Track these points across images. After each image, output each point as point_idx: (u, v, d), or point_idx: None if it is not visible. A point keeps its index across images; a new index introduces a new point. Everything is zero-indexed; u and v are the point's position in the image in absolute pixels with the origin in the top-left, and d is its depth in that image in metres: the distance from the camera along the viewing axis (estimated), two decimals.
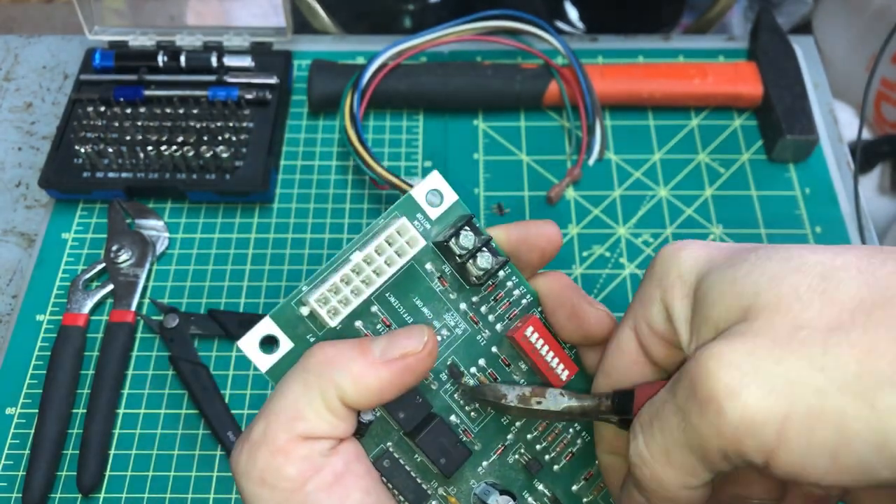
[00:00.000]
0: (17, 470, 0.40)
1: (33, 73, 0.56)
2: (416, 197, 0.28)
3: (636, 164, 0.50)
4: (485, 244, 0.27)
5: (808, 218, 0.47)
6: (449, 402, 0.28)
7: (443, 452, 0.27)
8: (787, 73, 0.50)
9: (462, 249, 0.27)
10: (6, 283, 0.47)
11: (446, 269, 0.28)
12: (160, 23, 0.53)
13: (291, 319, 0.26)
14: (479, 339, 0.28)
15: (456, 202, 0.28)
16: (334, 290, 0.26)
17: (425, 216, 0.28)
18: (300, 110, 0.52)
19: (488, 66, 0.51)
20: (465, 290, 0.28)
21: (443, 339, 0.28)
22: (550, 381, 0.28)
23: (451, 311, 0.28)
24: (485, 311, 0.28)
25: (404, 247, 0.26)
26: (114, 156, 0.47)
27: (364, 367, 0.24)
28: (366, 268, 0.26)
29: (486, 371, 0.28)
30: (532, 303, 0.29)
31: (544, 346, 0.28)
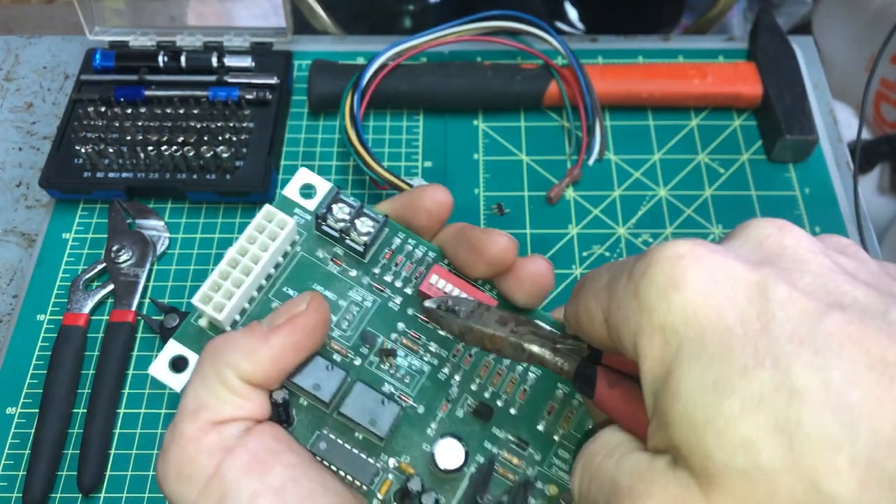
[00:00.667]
0: (17, 469, 0.40)
1: (34, 73, 0.56)
2: (289, 194, 0.29)
3: (636, 165, 0.50)
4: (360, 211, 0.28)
5: (807, 218, 0.48)
6: (376, 373, 0.27)
7: (372, 413, 0.26)
8: (786, 73, 0.51)
9: (339, 222, 0.28)
10: (7, 282, 0.47)
11: (338, 250, 0.28)
12: (160, 23, 0.53)
13: (194, 335, 0.27)
14: (391, 307, 0.28)
15: (331, 189, 0.29)
16: (215, 287, 0.26)
17: (303, 209, 0.29)
18: (300, 110, 0.52)
19: (488, 66, 0.51)
20: (364, 265, 0.28)
21: (353, 315, 0.28)
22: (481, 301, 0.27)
23: (354, 288, 0.28)
24: (389, 279, 0.28)
25: (274, 230, 0.27)
26: (114, 156, 0.47)
27: (253, 340, 0.24)
28: (241, 259, 0.26)
29: (408, 333, 0.28)
30: (436, 258, 0.29)
31: (454, 290, 0.27)
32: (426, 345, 0.28)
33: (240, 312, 0.27)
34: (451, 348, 0.28)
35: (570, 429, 0.27)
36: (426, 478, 0.26)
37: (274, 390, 0.25)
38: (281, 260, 0.28)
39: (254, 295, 0.27)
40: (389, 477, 0.26)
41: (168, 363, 0.26)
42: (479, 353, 0.28)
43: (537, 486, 0.26)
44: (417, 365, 0.27)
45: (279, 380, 0.25)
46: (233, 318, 0.27)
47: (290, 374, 0.25)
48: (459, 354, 0.28)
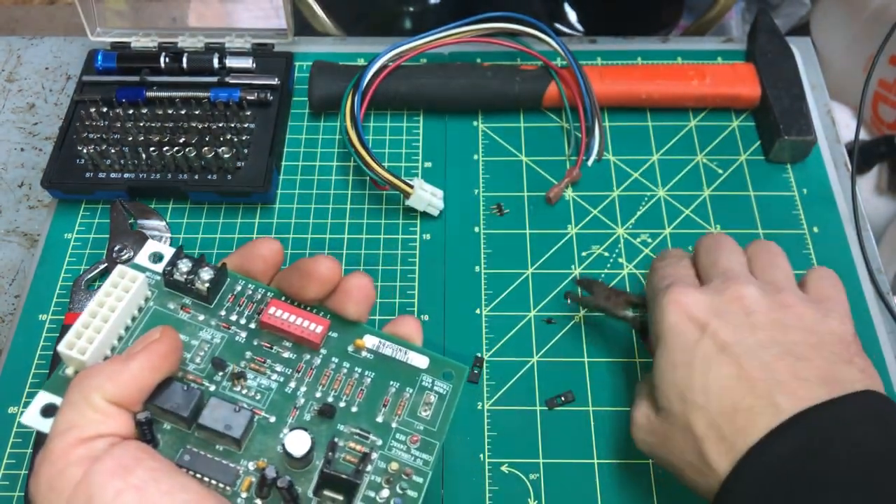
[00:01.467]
0: (19, 469, 0.40)
1: (36, 74, 0.57)
2: (140, 262, 0.33)
3: (635, 165, 0.50)
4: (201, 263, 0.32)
5: (805, 218, 0.48)
6: (230, 394, 0.31)
7: (226, 420, 0.29)
8: (784, 74, 0.51)
9: (183, 274, 0.32)
10: (9, 282, 0.47)
11: (186, 300, 0.33)
12: (162, 24, 0.53)
13: (63, 384, 0.29)
14: (237, 340, 0.32)
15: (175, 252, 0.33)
16: (78, 335, 0.30)
17: (153, 272, 0.33)
18: (301, 111, 0.53)
19: (488, 67, 0.51)
20: (211, 310, 0.33)
21: (205, 352, 0.32)
22: (311, 340, 0.31)
23: (203, 329, 0.32)
24: (234, 318, 0.33)
25: (127, 284, 0.31)
26: (116, 156, 0.47)
27: (115, 365, 0.28)
28: (99, 310, 0.30)
29: (255, 359, 0.32)
30: (275, 295, 0.33)
31: (290, 316, 0.32)
32: (272, 366, 0.32)
33: (102, 358, 0.30)
34: (294, 366, 0.32)
35: (405, 415, 0.31)
36: (282, 471, 0.29)
37: (138, 412, 0.28)
38: (136, 314, 0.32)
39: (114, 344, 0.31)
40: (250, 476, 0.29)
41: (39, 411, 0.29)
42: (319, 367, 0.32)
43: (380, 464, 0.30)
44: (266, 383, 0.31)
45: (140, 400, 0.28)
46: (96, 361, 0.30)
47: (150, 396, 0.29)
48: (302, 370, 0.32)
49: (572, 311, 0.44)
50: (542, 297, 0.45)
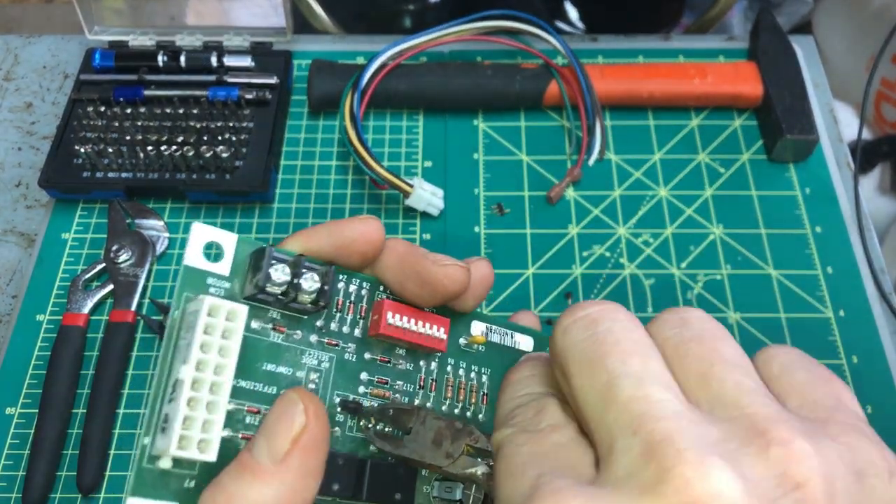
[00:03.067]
0: (16, 470, 0.40)
1: (33, 73, 0.56)
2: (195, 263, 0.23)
3: (636, 164, 0.50)
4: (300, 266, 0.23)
5: (808, 218, 0.47)
6: (359, 437, 0.25)
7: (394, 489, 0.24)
8: (787, 72, 0.50)
9: (282, 286, 0.23)
10: (6, 282, 0.47)
11: (274, 314, 0.24)
12: (160, 23, 0.53)
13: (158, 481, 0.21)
14: (347, 359, 0.25)
15: (238, 241, 0.24)
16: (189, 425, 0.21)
17: (217, 276, 0.23)
18: (300, 110, 0.52)
19: (488, 65, 0.51)
20: (304, 321, 0.25)
21: (316, 384, 0.24)
22: (435, 349, 0.26)
23: (306, 352, 0.24)
24: (335, 327, 0.25)
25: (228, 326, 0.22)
26: (114, 156, 0.47)
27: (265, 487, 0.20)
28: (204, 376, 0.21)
29: (374, 381, 0.26)
30: (372, 288, 0.26)
31: (410, 321, 0.25)
32: (393, 385, 0.26)
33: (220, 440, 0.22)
34: (415, 379, 0.26)
35: None
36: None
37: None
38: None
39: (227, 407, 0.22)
40: None
41: None
42: (438, 374, 0.27)
43: None
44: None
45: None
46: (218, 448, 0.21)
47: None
48: (424, 383, 0.27)
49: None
50: (543, 298, 0.45)
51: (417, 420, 0.24)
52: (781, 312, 0.44)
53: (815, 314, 0.44)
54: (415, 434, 0.24)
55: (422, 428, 0.24)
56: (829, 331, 0.43)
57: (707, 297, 0.45)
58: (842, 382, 0.20)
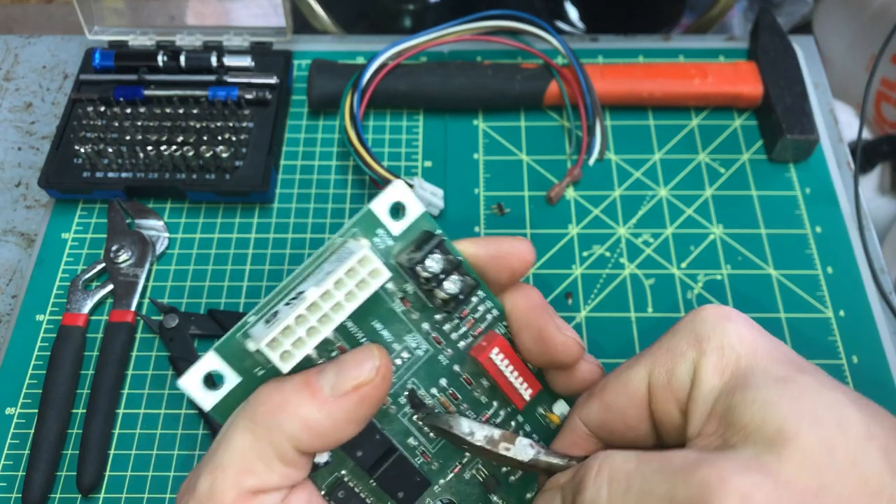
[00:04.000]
0: (16, 470, 0.40)
1: (33, 72, 0.56)
2: (377, 212, 0.25)
3: (636, 164, 0.50)
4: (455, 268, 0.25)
5: (808, 218, 0.47)
6: (407, 425, 0.26)
7: (401, 487, 0.25)
8: (787, 72, 0.50)
9: (429, 274, 0.25)
10: (6, 282, 0.47)
11: (409, 288, 0.26)
12: (160, 23, 0.53)
13: (238, 353, 0.24)
14: (440, 359, 0.27)
15: (422, 215, 0.26)
16: (288, 333, 0.23)
17: (387, 232, 0.25)
18: (300, 110, 0.52)
19: (488, 65, 0.51)
20: (429, 309, 0.26)
21: (403, 361, 0.26)
22: (513, 401, 0.27)
23: (412, 333, 0.26)
24: (448, 329, 0.27)
25: (366, 280, 0.23)
26: (113, 156, 0.47)
27: (315, 410, 0.22)
28: (323, 306, 0.23)
29: (447, 391, 0.27)
30: (497, 317, 0.27)
31: (509, 367, 0.27)
32: (460, 405, 0.27)
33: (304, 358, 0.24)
34: (481, 413, 0.27)
35: None
36: None
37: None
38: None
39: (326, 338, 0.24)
40: None
41: (202, 378, 0.23)
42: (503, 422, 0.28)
43: None
44: None
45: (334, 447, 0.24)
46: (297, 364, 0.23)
47: None
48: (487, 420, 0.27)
49: (573, 312, 0.44)
50: None
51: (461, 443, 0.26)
52: (781, 312, 0.44)
53: (816, 314, 0.44)
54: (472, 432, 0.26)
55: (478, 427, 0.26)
56: (829, 331, 0.43)
57: (707, 298, 0.45)
58: None
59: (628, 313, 0.44)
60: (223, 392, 0.24)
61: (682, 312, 0.44)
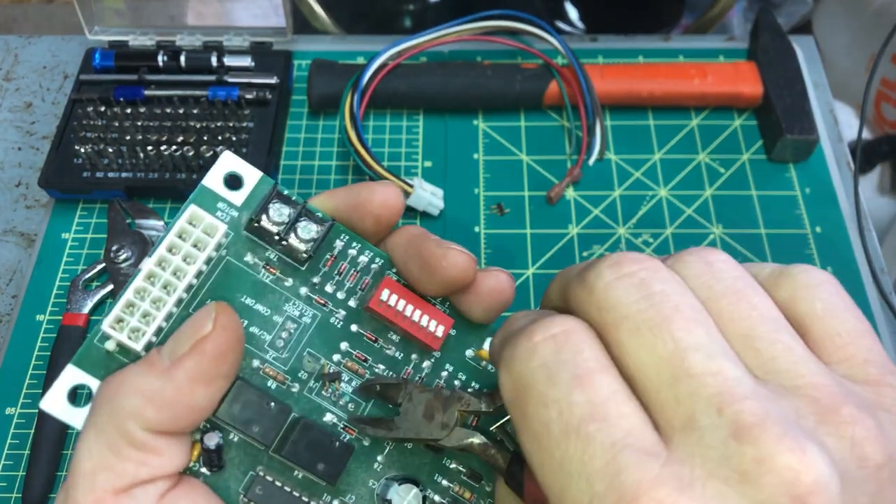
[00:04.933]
0: (16, 470, 0.40)
1: (33, 72, 0.56)
2: (211, 185, 0.24)
3: (636, 164, 0.50)
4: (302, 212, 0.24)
5: (808, 218, 0.47)
6: (318, 401, 0.24)
7: (319, 457, 0.23)
8: (787, 72, 0.50)
9: (277, 225, 0.23)
10: (6, 282, 0.47)
11: (270, 255, 0.24)
12: (160, 23, 0.53)
13: (99, 360, 0.22)
14: (333, 322, 0.25)
15: (261, 179, 0.24)
16: (129, 309, 0.21)
17: (229, 203, 0.24)
18: (300, 110, 0.52)
19: (488, 65, 0.51)
20: (301, 272, 0.24)
21: (290, 333, 0.24)
22: (428, 343, 0.25)
23: (291, 301, 0.24)
24: (331, 289, 0.25)
25: (202, 237, 0.22)
26: (114, 156, 0.47)
27: (153, 379, 0.20)
28: (161, 273, 0.22)
29: (353, 355, 0.25)
30: (384, 265, 0.25)
31: (407, 307, 0.24)
32: (373, 367, 0.25)
33: (155, 333, 0.22)
34: (400, 370, 0.25)
35: None
36: None
37: (205, 433, 0.21)
38: (203, 267, 0.23)
39: (172, 311, 0.23)
40: None
41: (66, 394, 0.21)
42: (429, 376, 0.25)
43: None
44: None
45: (193, 421, 0.21)
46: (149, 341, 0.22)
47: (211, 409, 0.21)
48: (409, 376, 0.25)
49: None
50: None
51: (405, 395, 0.23)
52: None
53: None
54: (405, 412, 0.23)
55: (410, 404, 0.23)
56: None
57: None
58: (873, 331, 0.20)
59: None
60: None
61: None
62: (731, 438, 0.15)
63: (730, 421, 0.16)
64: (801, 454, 0.15)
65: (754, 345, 0.18)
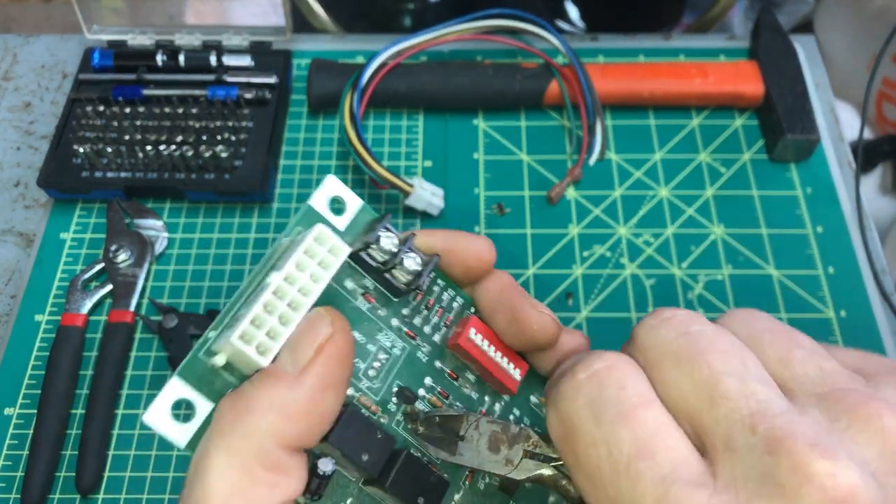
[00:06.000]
0: (15, 470, 0.40)
1: (32, 72, 0.56)
2: (317, 206, 0.24)
3: (637, 164, 0.50)
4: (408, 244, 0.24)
5: (809, 218, 0.47)
6: (404, 434, 0.24)
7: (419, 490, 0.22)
8: (788, 72, 0.50)
9: (385, 254, 0.24)
10: (5, 282, 0.47)
11: (368, 283, 0.24)
12: (159, 22, 0.53)
13: (205, 375, 0.21)
14: (419, 357, 0.25)
15: (361, 208, 0.25)
16: (258, 323, 0.21)
17: (332, 228, 0.24)
18: (300, 110, 0.52)
19: (488, 65, 0.51)
20: (393, 304, 0.25)
21: (381, 364, 0.24)
22: (504, 384, 0.25)
23: (383, 330, 0.24)
24: (419, 322, 0.25)
25: (327, 258, 0.22)
26: (113, 155, 0.46)
27: (285, 392, 0.19)
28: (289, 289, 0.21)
29: (436, 390, 0.25)
30: (464, 305, 0.26)
31: (491, 347, 0.25)
32: (452, 404, 0.25)
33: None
34: (477, 409, 0.26)
35: None
36: None
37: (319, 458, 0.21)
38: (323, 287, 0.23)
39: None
40: None
41: (170, 409, 0.21)
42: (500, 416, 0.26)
43: None
44: None
45: (320, 433, 0.20)
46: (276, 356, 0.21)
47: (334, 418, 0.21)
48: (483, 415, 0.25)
49: (574, 312, 0.44)
50: (543, 298, 0.45)
51: (469, 425, 0.23)
52: (782, 312, 0.44)
53: (817, 314, 0.44)
54: (469, 440, 0.23)
55: (475, 433, 0.23)
56: (830, 331, 0.43)
57: (708, 298, 0.45)
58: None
59: (629, 314, 0.44)
60: (197, 423, 0.21)
61: None
62: (766, 454, 0.16)
63: (763, 438, 0.16)
64: (833, 460, 0.16)
65: (790, 363, 0.19)
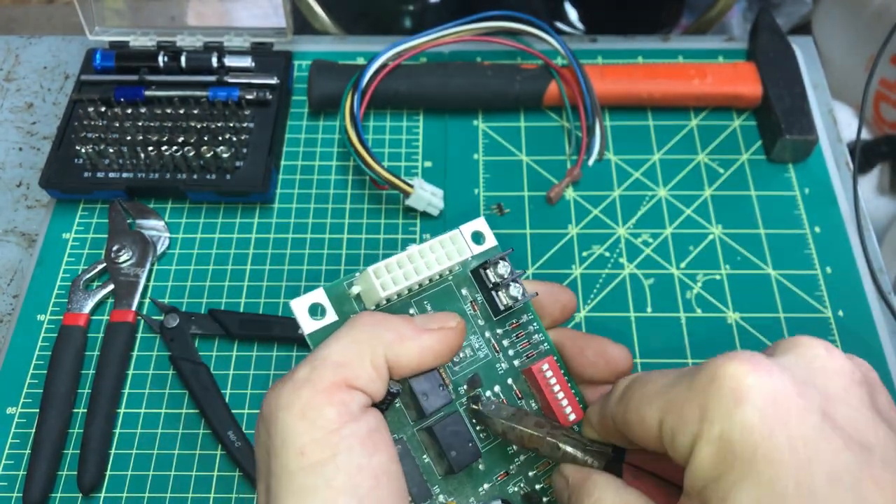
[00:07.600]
0: (17, 469, 0.40)
1: (34, 73, 0.56)
2: (463, 233, 0.31)
3: (636, 165, 0.50)
4: (517, 276, 0.30)
5: (807, 218, 0.48)
6: (464, 415, 0.29)
7: (455, 446, 0.28)
8: (786, 73, 0.51)
9: (498, 277, 0.30)
10: (7, 282, 0.47)
11: (478, 296, 0.31)
12: (161, 23, 0.53)
13: (340, 296, 0.29)
14: (497, 368, 0.30)
15: (495, 247, 0.32)
16: (389, 269, 0.28)
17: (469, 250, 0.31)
18: (300, 111, 0.52)
19: (488, 66, 0.51)
20: (492, 321, 0.31)
21: (465, 356, 0.30)
22: (558, 420, 0.29)
23: (476, 335, 0.31)
24: (506, 343, 0.31)
25: (452, 251, 0.30)
26: (114, 156, 0.47)
27: (409, 330, 0.27)
28: (418, 259, 0.29)
29: (500, 398, 0.30)
30: (548, 350, 0.31)
31: (556, 385, 0.30)
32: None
33: (387, 299, 0.29)
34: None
35: None
36: None
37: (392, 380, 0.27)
38: (437, 277, 0.30)
39: (402, 292, 0.29)
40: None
41: (307, 306, 0.28)
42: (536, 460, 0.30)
43: None
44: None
45: (409, 374, 0.27)
46: (382, 300, 0.29)
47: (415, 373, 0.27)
48: None
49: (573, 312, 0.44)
50: None
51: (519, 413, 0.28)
52: (780, 312, 0.44)
53: (815, 314, 0.44)
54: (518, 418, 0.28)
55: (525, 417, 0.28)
56: (828, 331, 0.43)
57: (706, 297, 0.45)
58: None
59: (628, 313, 0.44)
60: (322, 323, 0.28)
61: (681, 312, 0.44)
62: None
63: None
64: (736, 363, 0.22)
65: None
